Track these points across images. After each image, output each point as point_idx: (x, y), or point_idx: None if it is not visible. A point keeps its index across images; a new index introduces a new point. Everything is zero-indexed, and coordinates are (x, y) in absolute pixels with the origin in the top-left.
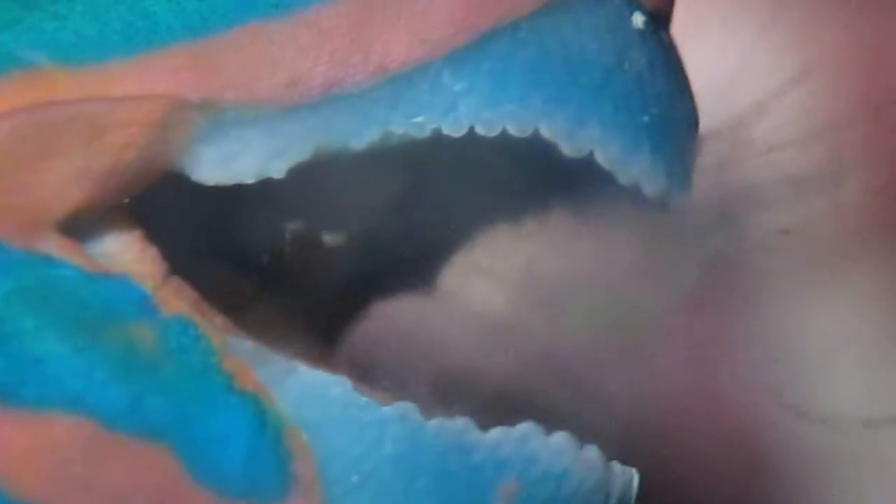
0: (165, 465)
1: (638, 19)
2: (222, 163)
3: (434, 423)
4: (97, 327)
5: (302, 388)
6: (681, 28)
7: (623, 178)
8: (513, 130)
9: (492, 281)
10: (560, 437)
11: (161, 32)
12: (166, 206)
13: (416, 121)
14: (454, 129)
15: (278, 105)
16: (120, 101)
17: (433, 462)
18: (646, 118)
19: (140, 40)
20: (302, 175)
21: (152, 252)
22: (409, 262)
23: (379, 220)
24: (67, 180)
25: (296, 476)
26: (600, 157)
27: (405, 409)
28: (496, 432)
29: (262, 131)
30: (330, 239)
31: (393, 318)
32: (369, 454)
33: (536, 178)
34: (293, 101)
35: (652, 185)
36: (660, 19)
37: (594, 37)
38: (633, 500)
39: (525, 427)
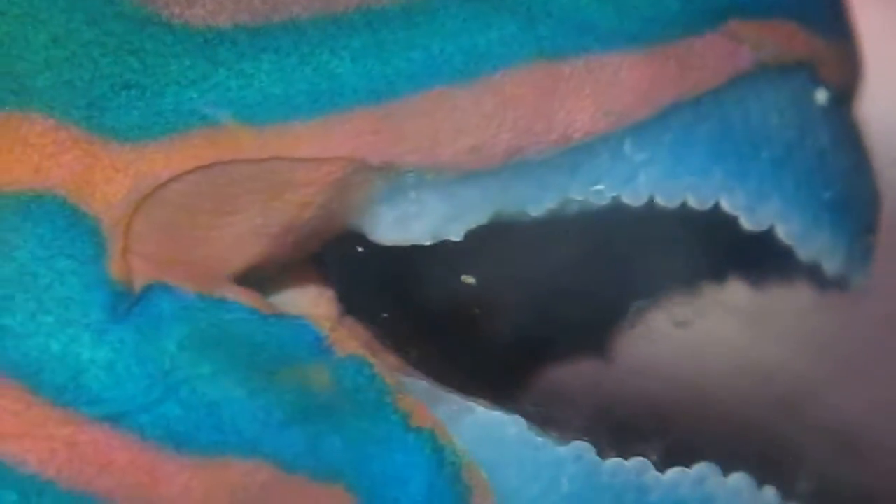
0: None
1: (821, 95)
2: (400, 224)
3: (611, 462)
4: (272, 370)
5: (478, 427)
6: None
7: (803, 254)
8: (693, 202)
9: (665, 346)
10: (737, 478)
11: (346, 95)
12: (344, 257)
13: (596, 189)
14: (634, 198)
15: (459, 170)
16: (301, 160)
17: (610, 502)
18: (827, 195)
19: (325, 102)
20: (480, 236)
21: (328, 294)
22: (583, 325)
23: (555, 283)
24: (245, 235)
25: None
26: (781, 232)
27: (581, 448)
28: (673, 472)
29: (440, 194)
30: (505, 299)
31: (566, 379)
32: (547, 493)
33: (715, 250)
34: (474, 166)
35: (832, 263)
36: (843, 96)
37: (777, 111)
38: None
39: (702, 467)
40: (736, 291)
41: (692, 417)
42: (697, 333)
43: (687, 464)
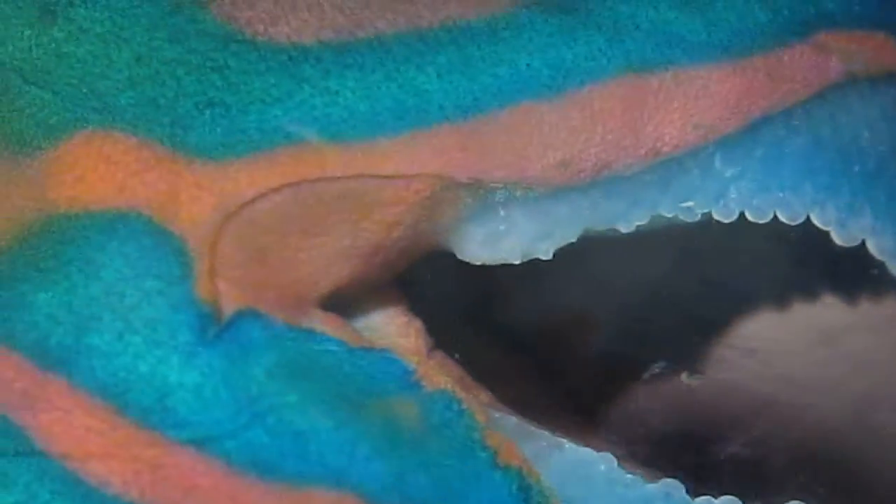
0: None
1: None
2: (489, 243)
3: (701, 501)
4: (360, 402)
5: (567, 465)
6: None
7: (895, 269)
8: (784, 217)
9: (757, 362)
10: None
11: (432, 111)
12: (432, 281)
13: (686, 205)
14: (724, 214)
15: (547, 185)
16: (389, 179)
17: None
18: None
19: (410, 118)
20: (569, 253)
21: (417, 326)
22: (673, 342)
23: (645, 300)
24: (333, 257)
25: None
26: (872, 247)
27: (670, 486)
28: None
29: (529, 212)
30: (596, 318)
31: (657, 396)
32: None
33: (806, 265)
34: (563, 181)
35: None
36: None
37: (867, 125)
38: None
39: None
40: (827, 307)
41: (782, 446)
42: (786, 354)
43: (775, 499)
